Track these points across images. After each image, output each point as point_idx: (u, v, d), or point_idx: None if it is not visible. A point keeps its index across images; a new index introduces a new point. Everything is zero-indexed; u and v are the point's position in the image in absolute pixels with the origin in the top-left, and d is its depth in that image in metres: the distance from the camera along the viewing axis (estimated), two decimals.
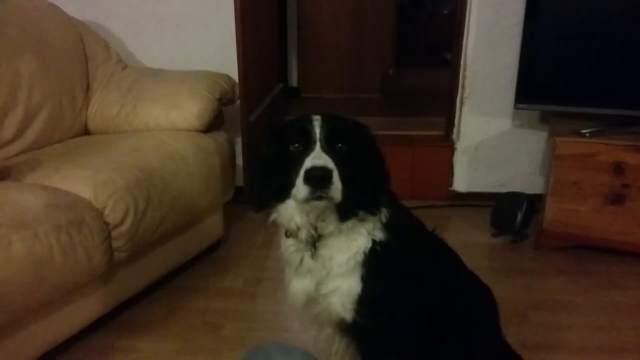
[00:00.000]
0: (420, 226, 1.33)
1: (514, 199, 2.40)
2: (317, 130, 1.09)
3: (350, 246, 1.17)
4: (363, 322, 1.19)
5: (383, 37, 4.13)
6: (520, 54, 2.34)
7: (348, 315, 1.19)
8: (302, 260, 1.21)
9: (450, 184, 2.80)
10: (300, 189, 1.04)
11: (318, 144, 1.08)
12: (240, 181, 2.46)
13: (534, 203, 2.38)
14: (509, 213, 2.35)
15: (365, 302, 1.18)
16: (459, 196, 2.79)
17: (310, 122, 1.11)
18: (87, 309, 1.66)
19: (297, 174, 1.06)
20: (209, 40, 2.56)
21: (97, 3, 2.54)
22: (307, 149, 1.08)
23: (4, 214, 1.39)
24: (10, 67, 1.98)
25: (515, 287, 2.05)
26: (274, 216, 1.18)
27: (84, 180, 1.63)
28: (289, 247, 1.23)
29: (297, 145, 1.10)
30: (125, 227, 1.65)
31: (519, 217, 2.33)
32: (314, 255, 1.19)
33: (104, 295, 1.70)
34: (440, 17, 5.37)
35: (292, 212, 1.15)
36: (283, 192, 1.12)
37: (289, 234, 1.20)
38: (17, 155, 1.95)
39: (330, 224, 1.15)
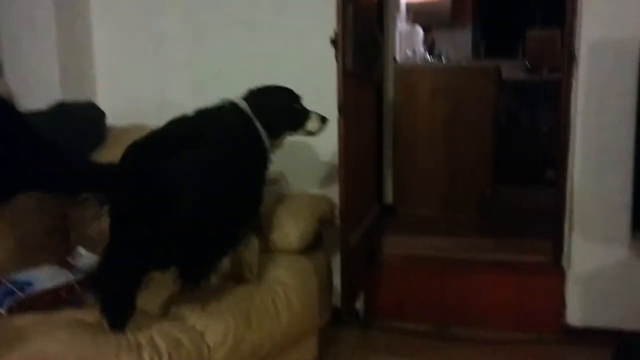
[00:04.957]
0: None
1: None
2: None
3: None
4: None
5: (479, 157, 4.10)
6: (633, 178, 2.22)
7: None
8: None
9: (563, 316, 2.57)
10: None
11: None
12: (337, 301, 2.43)
13: None
14: (636, 356, 2.10)
15: None
16: (573, 331, 2.54)
17: None
18: None
19: None
20: (311, 162, 2.66)
21: None
22: None
23: None
24: None
25: None
26: None
27: (188, 304, 1.66)
28: None
29: None
30: (223, 350, 1.63)
31: None
32: None
33: None
34: (539, 134, 5.30)
35: None
36: None
37: None
38: None
39: None
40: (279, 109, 1.92)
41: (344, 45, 1.98)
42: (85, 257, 1.73)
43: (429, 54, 5.73)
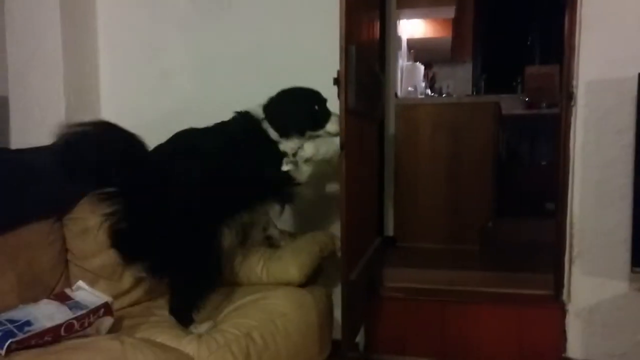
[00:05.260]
0: None
1: None
2: None
3: None
4: None
5: (480, 190, 4.12)
6: (632, 215, 2.24)
7: None
8: None
9: (564, 349, 2.56)
10: None
11: None
12: (337, 334, 2.41)
13: None
14: None
15: None
16: None
17: None
18: None
19: None
20: (313, 198, 2.67)
21: None
22: None
23: None
24: None
25: None
26: None
27: (188, 337, 1.68)
28: None
29: None
30: None
31: None
32: None
33: None
34: (539, 167, 5.35)
35: None
36: None
37: None
38: (131, 305, 2.06)
39: None
40: (293, 111, 2.07)
41: (347, 84, 2.03)
42: (86, 292, 1.74)
43: (430, 90, 5.83)
